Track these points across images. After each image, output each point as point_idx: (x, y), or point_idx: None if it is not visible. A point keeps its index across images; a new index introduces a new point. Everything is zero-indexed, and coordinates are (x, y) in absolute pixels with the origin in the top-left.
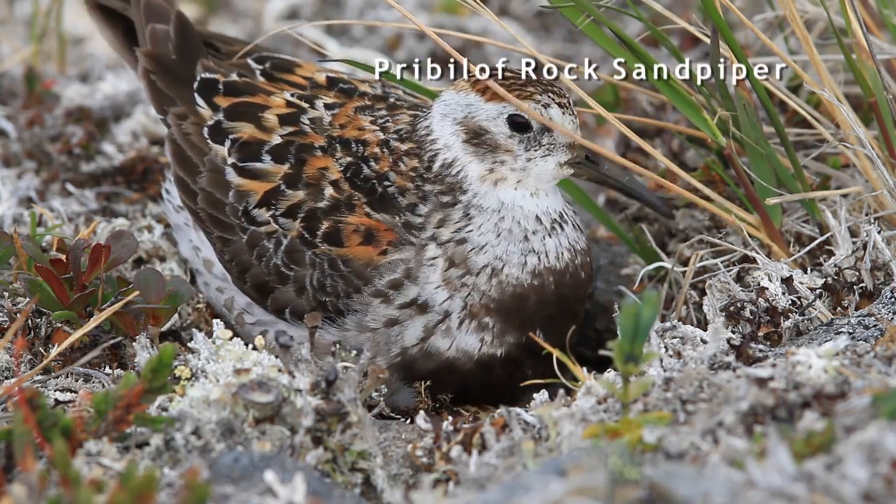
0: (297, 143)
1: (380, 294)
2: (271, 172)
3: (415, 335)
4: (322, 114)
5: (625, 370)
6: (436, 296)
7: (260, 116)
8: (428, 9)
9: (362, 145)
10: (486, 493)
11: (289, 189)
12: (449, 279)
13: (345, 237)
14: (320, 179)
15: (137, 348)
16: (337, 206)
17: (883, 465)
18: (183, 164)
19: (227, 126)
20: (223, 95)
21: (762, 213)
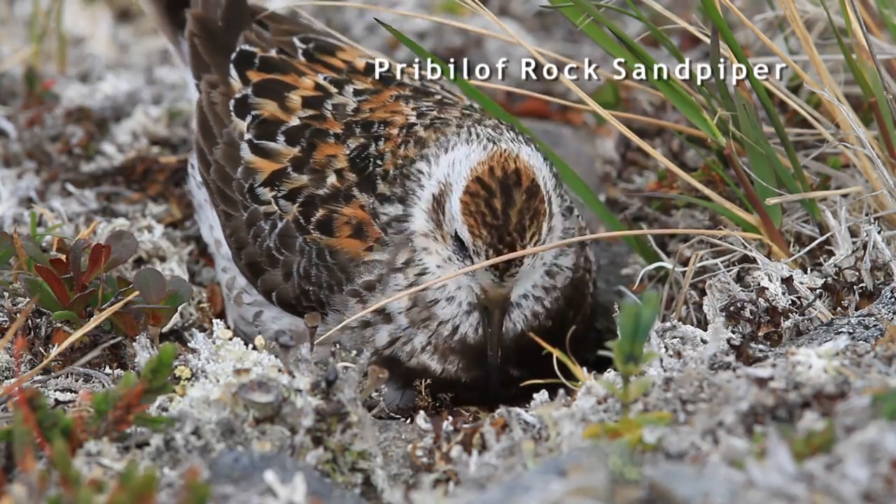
0: (313, 127)
1: (356, 294)
2: (282, 153)
3: (384, 339)
4: (347, 100)
5: (625, 370)
6: (400, 319)
7: (285, 96)
8: (428, 9)
9: (385, 125)
10: (486, 493)
11: (294, 172)
12: (412, 317)
13: (336, 227)
14: (325, 166)
15: (137, 348)
16: (335, 196)
17: (883, 465)
18: (204, 133)
19: (252, 101)
20: (256, 70)
21: (762, 213)
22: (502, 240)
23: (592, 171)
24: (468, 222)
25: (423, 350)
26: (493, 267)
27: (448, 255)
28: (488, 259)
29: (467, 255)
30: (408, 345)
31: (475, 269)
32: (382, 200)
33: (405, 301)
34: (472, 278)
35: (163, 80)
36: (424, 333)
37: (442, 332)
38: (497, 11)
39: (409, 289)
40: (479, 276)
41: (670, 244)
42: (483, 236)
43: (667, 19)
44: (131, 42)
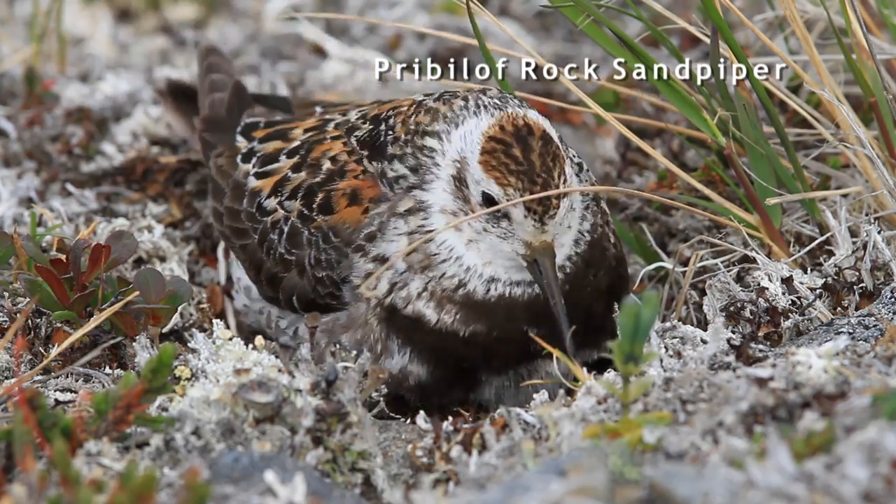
0: (311, 139)
1: (359, 249)
2: (282, 168)
3: (384, 287)
4: (350, 117)
5: (625, 370)
6: (396, 261)
7: (288, 133)
8: (428, 9)
9: (393, 112)
10: (486, 493)
11: (293, 174)
12: (410, 261)
13: (334, 203)
14: (320, 159)
15: (137, 348)
16: (331, 177)
17: (883, 465)
18: (215, 193)
19: (257, 148)
20: (262, 129)
21: (762, 213)
22: (533, 181)
23: (592, 171)
24: (494, 176)
25: (419, 297)
26: (531, 212)
27: (481, 227)
28: (524, 206)
29: (502, 216)
30: (403, 290)
31: (515, 223)
32: (392, 159)
33: (403, 243)
34: (511, 239)
35: (163, 80)
36: (421, 279)
37: (444, 283)
38: (497, 11)
39: (410, 236)
40: (519, 228)
41: (670, 244)
42: (513, 183)
43: (667, 19)
44: (131, 42)
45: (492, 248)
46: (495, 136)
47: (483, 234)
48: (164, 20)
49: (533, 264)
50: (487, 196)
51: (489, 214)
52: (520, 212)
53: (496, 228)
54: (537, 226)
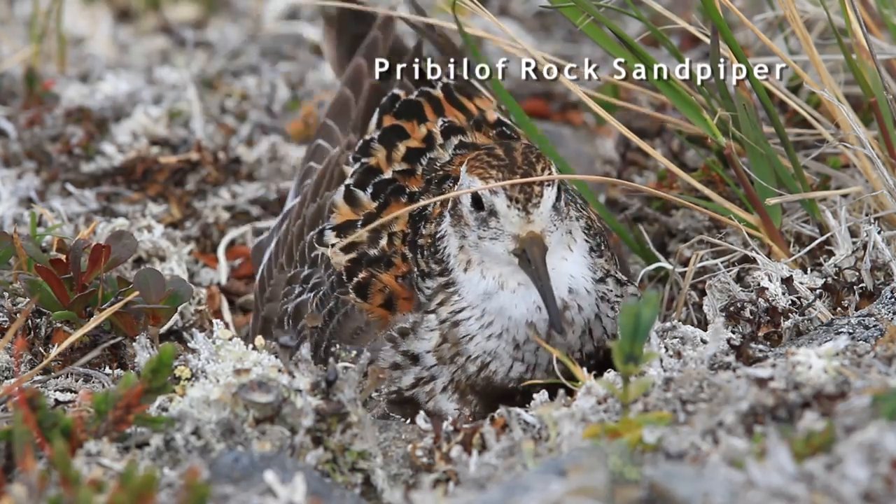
0: (397, 183)
1: (391, 340)
2: (364, 206)
3: (409, 380)
4: (442, 154)
5: (625, 370)
6: (426, 359)
7: (395, 145)
8: (428, 9)
9: (454, 182)
10: (486, 493)
11: (361, 226)
12: (441, 354)
13: (371, 294)
14: (385, 227)
15: (137, 348)
16: (379, 260)
17: (883, 465)
18: (315, 183)
19: (372, 147)
20: (392, 115)
21: (762, 213)
22: (513, 171)
23: (592, 171)
24: (476, 174)
25: (444, 390)
26: (514, 201)
27: (476, 236)
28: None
29: (490, 214)
30: (429, 384)
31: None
32: (423, 276)
33: (435, 340)
34: (502, 236)
35: (163, 80)
36: (449, 370)
37: (468, 367)
38: (497, 11)
39: (441, 325)
40: (505, 222)
41: (670, 244)
42: (493, 175)
43: (667, 19)
44: (131, 42)
45: (491, 257)
46: (483, 149)
47: (479, 242)
48: (164, 20)
49: (523, 258)
50: (475, 197)
51: (480, 221)
52: (502, 202)
53: (487, 231)
54: (521, 215)
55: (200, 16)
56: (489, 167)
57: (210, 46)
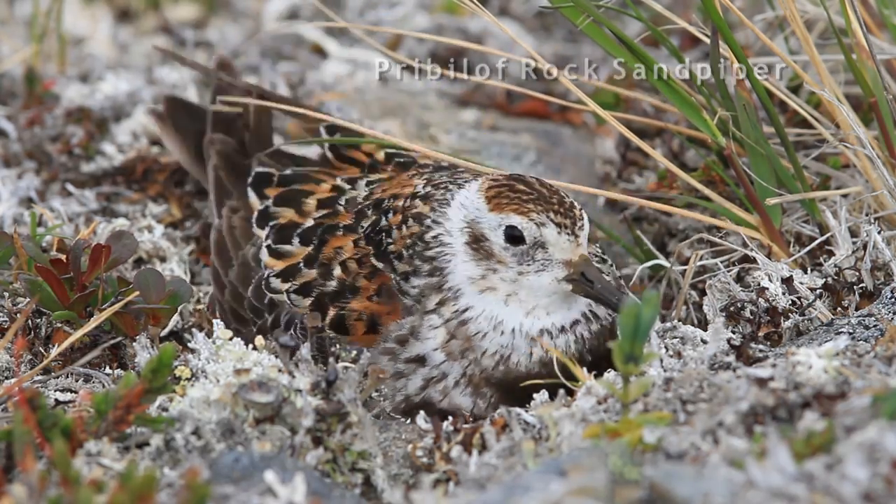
0: (325, 224)
1: (388, 352)
2: (295, 254)
3: (417, 384)
4: (359, 192)
5: (625, 370)
6: (434, 356)
7: (302, 202)
8: (428, 9)
9: (393, 199)
10: (486, 493)
11: (305, 268)
12: (450, 349)
13: (350, 326)
14: (332, 259)
15: (137, 348)
16: (342, 291)
17: (883, 465)
18: (220, 254)
19: (272, 211)
20: (275, 187)
21: (762, 213)
22: (550, 201)
23: (592, 171)
24: (511, 209)
25: (456, 385)
26: (563, 228)
27: (515, 272)
28: (554, 222)
29: (535, 247)
30: (441, 383)
31: (550, 246)
32: (407, 277)
33: (441, 337)
34: (550, 266)
35: (163, 80)
36: (461, 365)
37: (484, 362)
38: (497, 11)
39: (447, 324)
40: (555, 249)
41: (670, 244)
42: (533, 208)
43: (667, 19)
44: (131, 42)
45: (532, 290)
46: (492, 185)
47: (520, 278)
48: (164, 20)
49: (579, 280)
50: (511, 232)
51: (520, 255)
52: (552, 231)
53: (532, 264)
54: (572, 240)
55: (200, 16)
56: (522, 202)
57: (210, 46)
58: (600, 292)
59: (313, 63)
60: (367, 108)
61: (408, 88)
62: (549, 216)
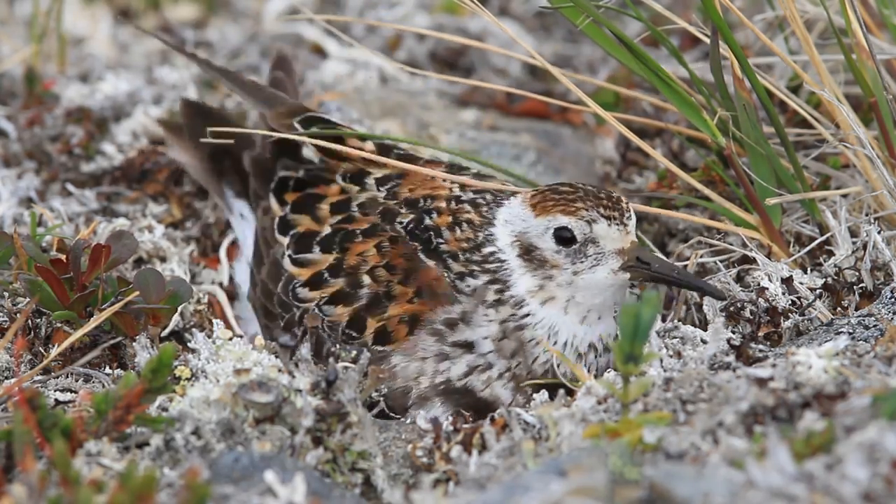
0: (342, 228)
1: (435, 333)
2: (318, 262)
3: (461, 370)
4: (374, 193)
5: (625, 370)
6: (483, 344)
7: (316, 209)
8: (428, 9)
9: (431, 200)
10: (486, 493)
11: (332, 278)
12: (500, 347)
13: (392, 332)
14: (358, 270)
15: (137, 348)
16: (377, 301)
17: (883, 465)
18: (256, 256)
19: (290, 218)
20: (291, 192)
21: (762, 214)
22: (596, 195)
23: (592, 171)
24: (558, 211)
25: (500, 377)
26: (612, 220)
27: (570, 272)
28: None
29: (587, 244)
30: (486, 373)
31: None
32: (462, 276)
33: (494, 329)
34: (604, 259)
35: (163, 80)
36: (508, 362)
37: (534, 368)
38: (497, 11)
39: (502, 324)
40: (607, 241)
41: (670, 244)
42: (580, 206)
43: (667, 19)
44: (131, 42)
45: (588, 289)
46: (535, 195)
47: (575, 278)
48: (164, 20)
49: (635, 266)
50: (561, 234)
51: (573, 255)
52: (602, 225)
53: (586, 261)
54: (621, 229)
55: (200, 16)
56: (568, 202)
57: (210, 46)
58: (659, 272)
59: (313, 63)
60: (367, 107)
61: (407, 88)
62: (599, 211)
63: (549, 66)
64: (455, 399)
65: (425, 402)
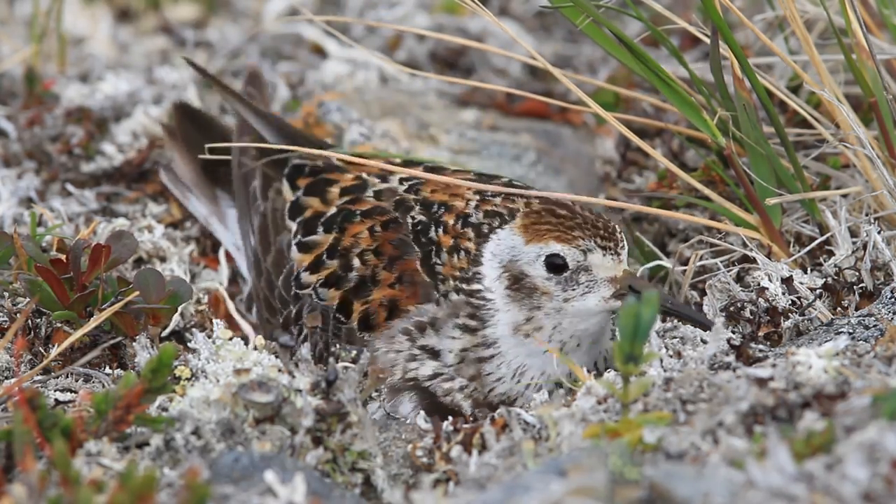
0: (345, 210)
1: (407, 332)
2: (320, 244)
3: (428, 371)
4: (395, 186)
5: (625, 370)
6: (447, 358)
7: (326, 191)
8: (428, 9)
9: (444, 209)
10: (486, 493)
11: (328, 259)
12: (459, 368)
13: (375, 319)
14: (350, 250)
15: (137, 348)
16: (363, 283)
17: (883, 465)
18: (262, 238)
19: (301, 201)
20: (305, 177)
21: (762, 213)
22: (595, 225)
23: (592, 171)
24: (553, 237)
25: (461, 390)
26: (607, 250)
27: (560, 300)
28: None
29: (578, 271)
30: (447, 383)
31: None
32: (447, 294)
33: (456, 350)
34: (595, 287)
35: (163, 80)
36: (464, 383)
37: (490, 396)
38: (497, 11)
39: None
40: (600, 270)
41: (670, 244)
42: (578, 235)
43: (667, 19)
44: (131, 42)
45: (576, 315)
46: (528, 217)
47: (565, 305)
48: (164, 20)
49: (627, 294)
50: (553, 261)
51: (563, 283)
52: (598, 255)
53: (577, 288)
54: (615, 258)
55: (200, 16)
56: (565, 229)
57: (210, 46)
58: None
59: (313, 63)
60: (367, 107)
61: (407, 88)
62: (596, 241)
63: (549, 67)
64: (422, 396)
65: (397, 393)
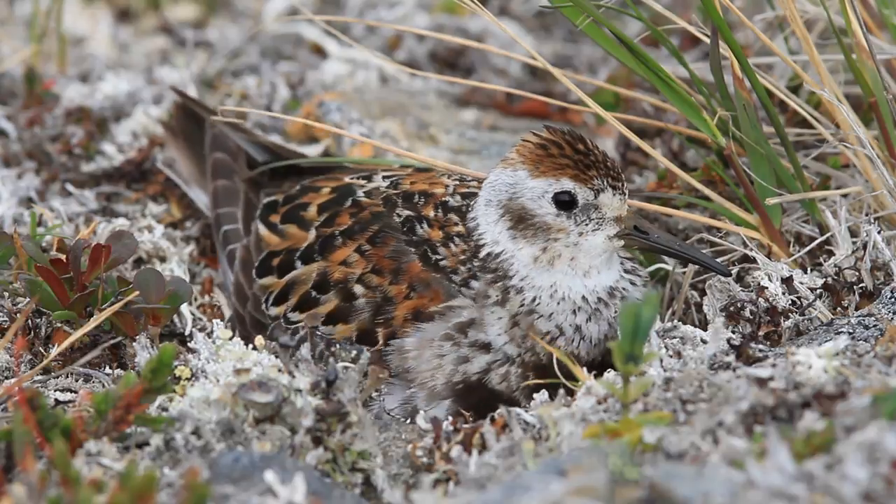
0: (324, 236)
1: (448, 338)
2: (303, 278)
3: (478, 367)
4: (378, 184)
5: (625, 370)
6: (498, 340)
7: (301, 216)
8: (428, 9)
9: (423, 199)
10: (486, 493)
11: (319, 294)
12: (513, 335)
13: (399, 329)
14: (346, 282)
15: (137, 348)
16: (380, 310)
17: (883, 465)
18: (244, 269)
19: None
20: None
21: (762, 213)
22: (606, 164)
23: None
24: (568, 175)
25: (516, 365)
26: (615, 190)
27: (576, 234)
28: (610, 186)
29: (589, 208)
30: (502, 367)
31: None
32: (468, 280)
33: (505, 323)
34: (603, 224)
35: (163, 80)
36: (516, 347)
37: (537, 347)
38: (497, 11)
39: (520, 315)
40: (608, 209)
41: None
42: (596, 174)
43: (667, 19)
44: (131, 42)
45: (588, 252)
46: (535, 151)
47: (580, 240)
48: (164, 20)
49: (632, 234)
50: (561, 198)
51: (576, 216)
52: (608, 194)
53: (590, 223)
54: (622, 198)
55: (200, 16)
56: (584, 168)
57: (210, 46)
58: (658, 242)
59: (313, 63)
60: (367, 107)
61: (407, 88)
62: (608, 181)
63: (549, 67)
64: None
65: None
